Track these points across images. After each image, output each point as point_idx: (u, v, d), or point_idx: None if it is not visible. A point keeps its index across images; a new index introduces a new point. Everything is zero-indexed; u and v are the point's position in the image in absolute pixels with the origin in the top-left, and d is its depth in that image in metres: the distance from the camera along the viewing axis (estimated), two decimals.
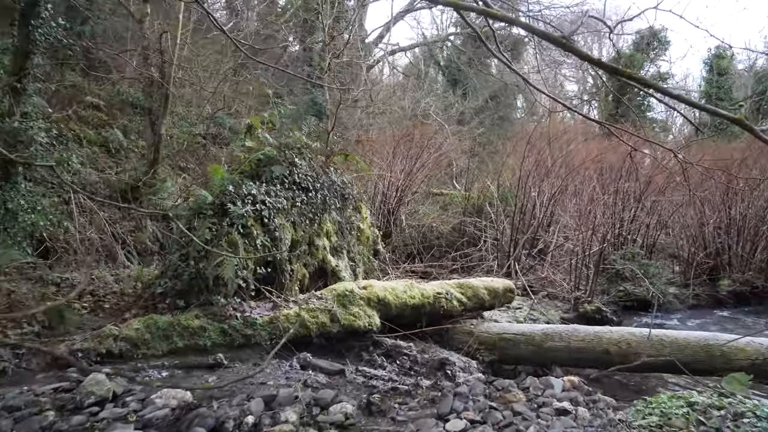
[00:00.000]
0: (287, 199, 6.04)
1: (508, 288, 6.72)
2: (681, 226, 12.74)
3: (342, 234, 6.90)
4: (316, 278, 6.36)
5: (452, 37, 25.15)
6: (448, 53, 26.91)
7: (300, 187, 6.27)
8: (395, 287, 5.86)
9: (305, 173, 6.39)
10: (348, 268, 6.75)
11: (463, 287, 6.39)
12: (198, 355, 4.76)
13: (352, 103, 12.36)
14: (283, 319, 5.08)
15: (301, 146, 6.63)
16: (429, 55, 27.60)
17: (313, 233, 6.26)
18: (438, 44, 24.21)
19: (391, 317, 5.77)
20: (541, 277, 9.50)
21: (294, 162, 6.31)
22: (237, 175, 5.72)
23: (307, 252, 6.18)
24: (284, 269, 5.72)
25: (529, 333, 6.13)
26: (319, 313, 5.23)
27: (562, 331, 6.11)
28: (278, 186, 6.01)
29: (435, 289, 6.15)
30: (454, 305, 6.18)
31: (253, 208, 5.56)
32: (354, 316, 5.36)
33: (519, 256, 9.65)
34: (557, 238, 10.35)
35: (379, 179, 11.23)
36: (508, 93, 26.50)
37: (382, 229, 10.56)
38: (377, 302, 5.60)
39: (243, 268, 5.27)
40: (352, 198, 7.25)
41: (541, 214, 9.80)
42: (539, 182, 9.79)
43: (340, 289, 5.47)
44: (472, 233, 10.64)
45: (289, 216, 5.93)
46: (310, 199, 6.31)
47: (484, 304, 6.48)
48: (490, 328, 6.22)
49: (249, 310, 5.12)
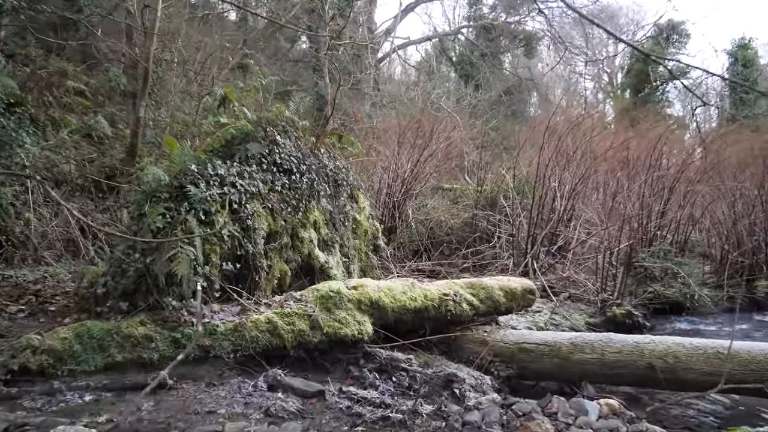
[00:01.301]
0: (265, 182, 4.99)
1: (528, 289, 5.60)
2: (712, 222, 11.48)
3: (334, 226, 5.83)
4: (300, 276, 5.30)
5: (464, 30, 24.01)
6: (460, 48, 25.81)
7: (282, 169, 5.22)
8: (392, 288, 4.77)
9: (289, 153, 5.34)
10: (340, 264, 5.68)
11: (475, 288, 5.28)
12: (141, 371, 3.72)
13: (354, 86, 11.32)
14: (251, 326, 4.02)
15: (285, 123, 5.59)
16: (440, 51, 26.51)
17: (298, 223, 5.20)
18: (450, 37, 23.06)
19: (387, 324, 4.69)
20: (563, 276, 8.35)
21: (275, 140, 5.26)
22: (202, 153, 4.68)
23: (290, 245, 5.13)
24: (258, 265, 4.66)
25: (554, 343, 5.01)
26: (296, 318, 4.15)
27: (593, 340, 4.98)
28: (254, 167, 4.96)
29: (441, 290, 5.06)
30: (464, 309, 5.08)
31: (219, 191, 4.51)
32: (340, 322, 4.28)
33: (537, 253, 8.51)
34: (579, 233, 9.19)
35: (384, 171, 10.16)
36: (522, 89, 25.34)
37: (386, 223, 9.49)
38: (369, 305, 4.52)
39: (205, 263, 4.22)
40: (347, 185, 6.19)
41: (562, 206, 8.64)
42: (560, 171, 8.63)
43: (324, 290, 4.40)
44: (485, 228, 9.52)
45: (267, 202, 4.87)
46: (294, 184, 5.25)
47: (499, 308, 5.36)
48: (507, 336, 5.11)
49: (210, 315, 4.06)
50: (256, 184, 4.82)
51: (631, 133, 11.72)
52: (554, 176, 8.67)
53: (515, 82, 24.23)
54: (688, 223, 10.43)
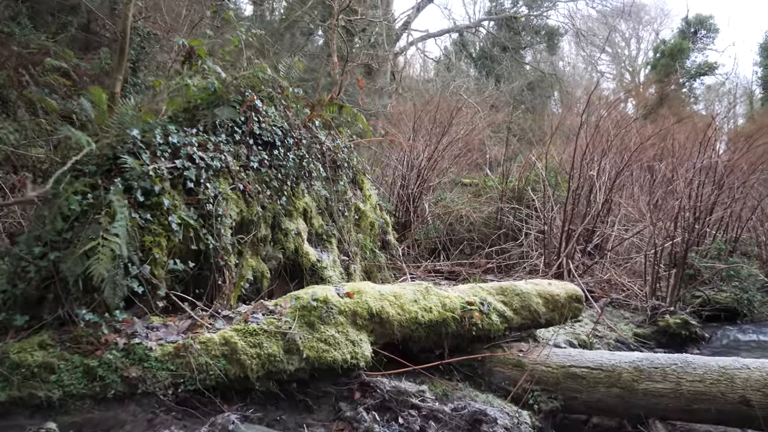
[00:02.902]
0: (237, 157, 3.76)
1: (574, 295, 4.27)
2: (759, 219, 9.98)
3: (330, 216, 4.59)
4: (284, 278, 4.06)
5: (485, 23, 22.64)
6: (480, 44, 24.42)
7: (261, 142, 3.99)
8: (400, 294, 3.50)
9: (273, 123, 4.11)
10: (337, 264, 4.43)
11: (507, 294, 3.99)
12: (33, 415, 2.51)
13: (366, 67, 10.08)
14: (199, 348, 2.78)
15: (271, 87, 4.37)
16: (461, 47, 25.13)
17: (280, 211, 3.96)
18: (470, 30, 21.70)
19: (393, 342, 3.43)
20: (602, 279, 6.99)
21: (255, 107, 4.03)
22: (150, 117, 3.46)
23: (269, 239, 3.89)
24: (223, 264, 3.42)
25: (611, 367, 3.70)
26: (265, 338, 2.90)
27: (665, 364, 3.65)
28: (223, 137, 3.74)
29: (463, 297, 3.77)
30: (493, 322, 3.79)
31: (170, 165, 3.29)
32: (327, 342, 3.02)
33: (572, 252, 7.16)
34: (618, 229, 7.81)
35: (398, 161, 8.91)
36: (545, 85, 23.84)
37: (400, 218, 8.22)
38: (369, 319, 3.26)
39: (144, 261, 3.00)
40: (348, 167, 4.94)
41: (601, 199, 7.28)
42: (599, 158, 7.27)
43: (306, 298, 3.14)
44: (511, 224, 8.19)
45: (239, 182, 3.64)
46: (276, 160, 4.02)
47: (537, 320, 4.06)
48: (549, 357, 3.80)
49: (143, 333, 2.83)
50: (224, 159, 3.59)
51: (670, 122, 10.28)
52: (593, 164, 7.30)
53: (537, 78, 22.78)
54: (738, 219, 8.96)
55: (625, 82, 37.00)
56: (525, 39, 24.84)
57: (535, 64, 22.00)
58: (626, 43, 33.57)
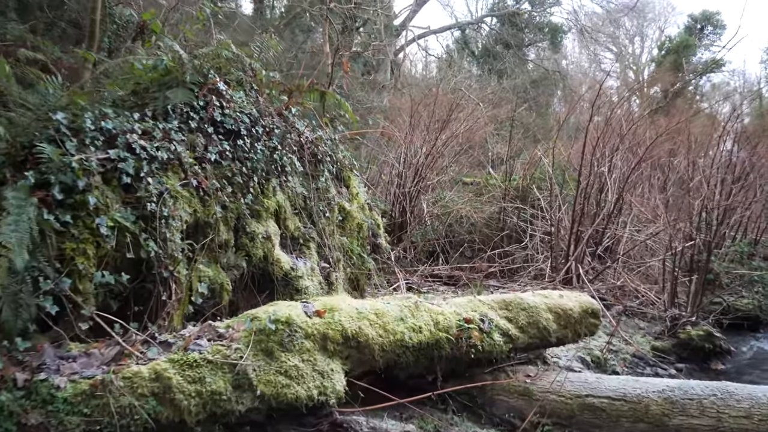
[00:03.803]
0: (193, 147, 3.15)
1: (589, 309, 3.64)
2: None
3: (309, 217, 3.97)
4: (251, 290, 3.44)
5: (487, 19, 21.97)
6: (483, 41, 23.74)
7: (223, 131, 3.38)
8: (383, 312, 2.87)
9: (240, 110, 3.50)
10: (316, 272, 3.81)
11: (512, 309, 3.36)
12: None
13: (358, 53, 9.46)
14: (122, 386, 2.17)
15: (241, 69, 3.77)
16: (463, 44, 24.45)
17: (245, 211, 3.34)
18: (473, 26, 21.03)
19: (374, 369, 2.81)
20: (615, 285, 6.35)
21: (218, 90, 3.42)
22: (83, 98, 2.85)
23: (231, 244, 3.27)
24: (168, 275, 2.80)
25: (637, 397, 3.07)
26: (208, 370, 2.29)
27: (701, 395, 3.02)
28: (175, 123, 3.13)
29: (460, 314, 3.15)
30: (495, 342, 3.16)
31: (103, 155, 2.68)
32: (288, 375, 2.40)
33: (582, 256, 6.52)
34: (630, 231, 7.17)
35: (395, 159, 8.29)
36: (548, 82, 23.15)
37: (395, 219, 7.60)
38: (343, 343, 2.64)
39: (60, 272, 2.39)
40: (332, 162, 4.32)
41: (613, 198, 6.63)
42: (610, 153, 6.62)
43: (264, 319, 2.52)
44: (515, 225, 7.55)
45: (192, 176, 3.03)
46: (242, 152, 3.40)
47: (547, 339, 3.43)
48: (562, 385, 3.17)
49: (53, 366, 2.22)
50: (174, 149, 2.97)
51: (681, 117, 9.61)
52: (603, 161, 6.66)
53: (540, 76, 22.09)
54: (758, 219, 8.30)
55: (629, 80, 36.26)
56: (528, 36, 24.16)
57: (539, 61, 21.29)
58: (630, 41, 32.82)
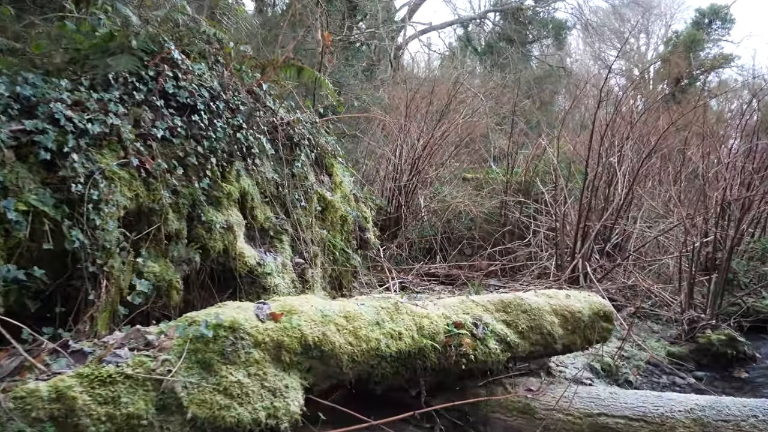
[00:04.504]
0: (136, 122, 2.69)
1: (601, 312, 3.14)
2: None
3: (283, 206, 3.50)
4: (208, 289, 2.97)
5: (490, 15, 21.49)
6: (485, 38, 23.25)
7: (176, 104, 2.91)
8: (354, 314, 2.39)
9: (198, 82, 3.04)
10: (288, 268, 3.34)
11: (510, 310, 2.87)
12: None
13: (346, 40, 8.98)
14: (13, 408, 1.70)
15: (206, 41, 3.31)
16: (465, 42, 23.97)
17: (200, 197, 2.88)
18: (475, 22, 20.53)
19: (343, 383, 2.33)
20: (626, 285, 5.85)
21: (172, 59, 2.96)
22: (4, 63, 2.40)
23: (184, 234, 2.80)
24: (98, 271, 2.34)
25: (659, 417, 2.58)
26: (125, 388, 1.82)
27: (738, 416, 2.52)
28: (116, 94, 2.66)
29: (449, 317, 2.67)
30: (491, 350, 2.68)
31: (17, 127, 2.22)
32: (228, 394, 1.93)
33: (589, 253, 6.03)
34: (641, 226, 6.67)
35: (391, 152, 7.81)
36: (553, 79, 22.64)
37: (390, 214, 7.13)
38: (302, 353, 2.16)
39: None
40: (311, 146, 3.86)
41: (624, 191, 6.12)
42: (620, 143, 6.11)
43: (201, 322, 2.04)
44: (517, 221, 7.06)
45: (134, 155, 2.56)
46: (197, 129, 2.93)
47: (552, 346, 2.94)
48: (570, 401, 2.68)
49: None
50: (111, 123, 2.51)
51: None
52: (612, 151, 6.16)
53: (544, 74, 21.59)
54: None
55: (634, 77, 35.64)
56: (532, 33, 23.67)
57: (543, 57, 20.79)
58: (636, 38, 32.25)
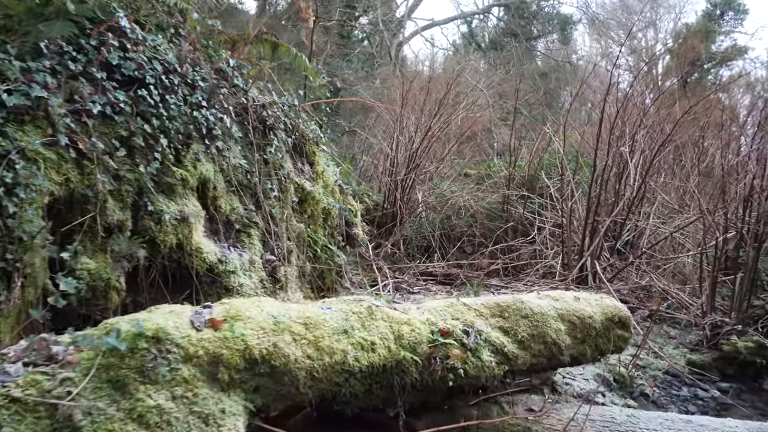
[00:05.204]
0: (70, 97, 2.29)
1: (616, 317, 2.70)
2: None
3: (254, 196, 3.10)
4: (159, 289, 2.57)
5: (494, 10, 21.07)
6: (489, 33, 22.82)
7: (120, 77, 2.51)
8: (317, 321, 1.98)
9: (150, 55, 2.64)
10: (257, 266, 2.94)
11: (508, 315, 2.45)
12: None
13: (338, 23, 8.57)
14: None
15: (166, 10, 2.92)
16: (469, 38, 23.54)
17: (148, 184, 2.48)
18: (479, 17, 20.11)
19: (301, 405, 1.92)
20: (639, 285, 5.41)
21: (121, 29, 2.57)
22: None
23: (129, 226, 2.40)
24: (11, 268, 1.94)
25: None
26: (9, 415, 1.42)
27: None
28: (47, 64, 2.27)
29: (435, 323, 2.25)
30: (484, 363, 2.26)
31: None
32: (143, 423, 1.52)
33: (598, 251, 5.60)
34: (654, 222, 6.22)
35: (388, 146, 7.41)
36: (558, 75, 22.19)
37: (387, 210, 6.72)
38: (246, 368, 1.75)
39: None
40: (287, 131, 3.46)
41: (636, 184, 5.68)
42: (632, 132, 5.67)
43: (112, 332, 1.63)
44: (521, 216, 6.62)
45: (64, 133, 2.17)
46: (146, 106, 2.53)
47: (558, 357, 2.51)
48: (581, 427, 2.26)
49: None
50: (36, 95, 2.12)
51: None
52: (623, 140, 5.71)
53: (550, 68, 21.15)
54: None
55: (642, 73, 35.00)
56: (537, 28, 23.22)
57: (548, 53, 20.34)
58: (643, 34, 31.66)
